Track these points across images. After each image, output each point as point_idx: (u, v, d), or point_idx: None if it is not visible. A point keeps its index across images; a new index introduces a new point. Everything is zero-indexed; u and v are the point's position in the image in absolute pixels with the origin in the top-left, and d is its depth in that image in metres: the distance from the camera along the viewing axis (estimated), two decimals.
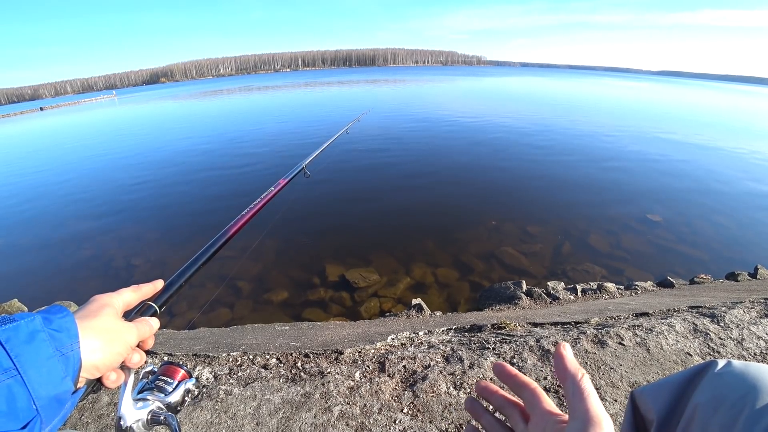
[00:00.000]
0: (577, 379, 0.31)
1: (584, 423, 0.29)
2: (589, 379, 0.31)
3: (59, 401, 0.35)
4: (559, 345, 0.34)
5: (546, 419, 0.32)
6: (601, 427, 0.28)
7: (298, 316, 3.80)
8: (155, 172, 9.46)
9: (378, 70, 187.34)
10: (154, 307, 0.51)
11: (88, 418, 1.54)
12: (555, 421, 0.32)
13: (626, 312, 2.48)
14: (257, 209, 0.94)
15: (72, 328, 0.37)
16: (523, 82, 54.42)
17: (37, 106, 58.73)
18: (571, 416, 0.30)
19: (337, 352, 1.95)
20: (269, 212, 1.10)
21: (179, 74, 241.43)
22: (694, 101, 33.06)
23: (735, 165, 9.23)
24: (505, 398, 0.37)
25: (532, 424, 0.34)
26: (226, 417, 1.52)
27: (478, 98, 26.11)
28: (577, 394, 0.30)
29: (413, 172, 8.19)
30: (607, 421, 0.29)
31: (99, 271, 4.97)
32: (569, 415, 0.30)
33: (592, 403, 0.29)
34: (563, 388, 0.32)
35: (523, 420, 0.35)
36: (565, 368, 0.32)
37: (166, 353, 2.05)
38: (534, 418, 0.34)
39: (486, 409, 0.39)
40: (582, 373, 0.31)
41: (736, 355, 1.84)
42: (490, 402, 0.38)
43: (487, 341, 2.03)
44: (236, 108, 26.10)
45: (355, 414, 1.52)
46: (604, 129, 13.62)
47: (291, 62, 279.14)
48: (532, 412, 0.34)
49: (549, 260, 4.73)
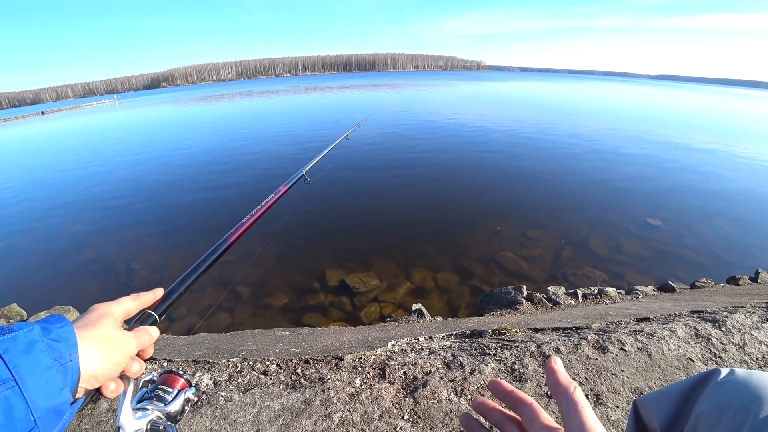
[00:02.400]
0: (569, 392, 0.32)
1: None
2: (581, 392, 0.32)
3: (58, 412, 0.34)
4: (549, 359, 0.35)
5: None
6: None
7: (298, 321, 3.78)
8: (156, 176, 9.48)
9: (378, 74, 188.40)
10: (153, 315, 0.51)
11: (86, 425, 1.53)
12: None
13: (627, 317, 2.47)
14: (258, 216, 0.94)
15: (71, 338, 0.37)
16: (523, 86, 54.67)
17: (39, 110, 58.99)
18: (567, 429, 0.30)
19: (337, 358, 1.94)
20: (273, 219, 1.11)
21: (180, 79, 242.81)
22: (693, 105, 33.20)
23: (735, 168, 9.24)
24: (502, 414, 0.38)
25: None
26: (225, 424, 1.51)
27: (479, 103, 26.22)
28: (571, 407, 0.31)
29: (413, 177, 8.21)
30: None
31: (99, 276, 4.96)
32: (565, 428, 0.31)
33: (587, 415, 0.30)
34: (557, 402, 0.33)
35: None
36: (557, 382, 0.33)
37: (165, 359, 2.04)
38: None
39: (481, 425, 0.39)
40: (574, 386, 0.32)
41: (738, 360, 1.83)
42: (487, 418, 0.38)
43: (488, 347, 2.02)
44: (237, 113, 26.20)
45: (355, 421, 1.51)
46: (602, 132, 13.66)
47: (291, 67, 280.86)
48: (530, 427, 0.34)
49: (549, 265, 4.72)
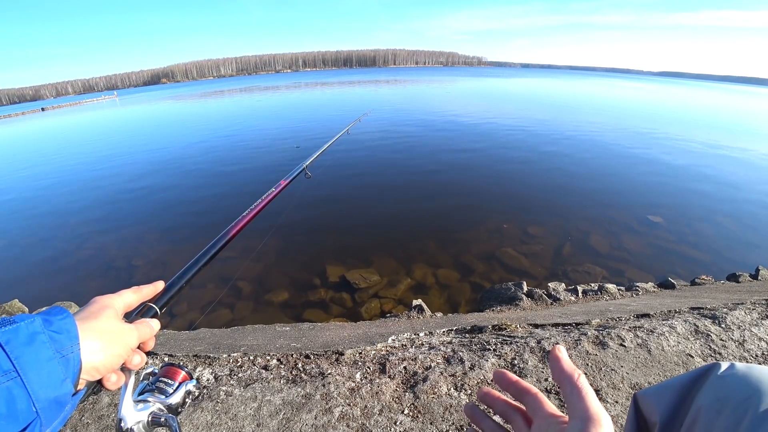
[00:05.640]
0: (573, 379, 0.32)
1: (584, 421, 0.29)
2: (585, 379, 0.32)
3: (59, 403, 0.34)
4: (554, 348, 0.35)
5: (548, 422, 0.33)
6: (600, 424, 0.29)
7: (298, 317, 3.80)
8: (157, 172, 9.48)
9: (379, 70, 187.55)
10: (154, 308, 0.51)
11: (88, 419, 1.54)
12: (557, 422, 0.32)
13: (627, 313, 2.47)
14: (258, 210, 0.93)
15: (72, 329, 0.37)
16: (525, 83, 54.39)
17: (39, 107, 58.87)
18: (571, 416, 0.30)
19: (337, 353, 1.95)
20: (273, 213, 1.11)
21: (180, 75, 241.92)
22: (695, 102, 33.05)
23: (736, 165, 9.22)
24: (507, 403, 0.38)
25: (535, 427, 0.34)
26: (226, 418, 1.52)
27: (479, 99, 26.12)
28: (575, 394, 0.31)
29: (414, 172, 8.20)
30: (606, 418, 0.29)
31: (100, 272, 4.98)
32: (569, 414, 0.31)
33: (591, 402, 0.30)
34: (561, 390, 0.33)
35: (525, 424, 0.36)
36: (561, 369, 0.33)
37: (167, 354, 2.05)
38: (537, 422, 0.34)
39: (486, 414, 0.40)
40: (578, 374, 0.32)
41: (737, 357, 1.83)
42: (492, 407, 0.39)
43: (488, 342, 2.03)
44: (238, 108, 26.12)
45: (355, 415, 1.51)
46: (604, 130, 13.62)
47: (292, 63, 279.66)
48: (535, 416, 0.35)
49: (550, 261, 4.72)
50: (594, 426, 0.29)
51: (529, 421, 0.36)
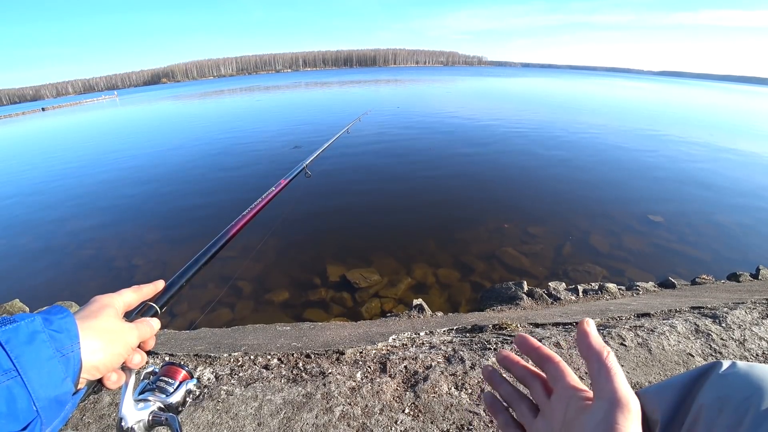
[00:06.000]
0: (602, 356, 0.30)
1: (611, 403, 0.27)
2: (614, 357, 0.30)
3: (59, 402, 0.34)
4: (582, 321, 0.32)
5: (570, 393, 0.31)
6: (629, 408, 0.27)
7: (299, 317, 3.79)
8: (157, 172, 9.48)
9: (379, 70, 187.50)
10: (154, 307, 0.51)
11: (89, 419, 1.54)
12: (579, 396, 0.31)
13: (628, 313, 2.47)
14: (258, 209, 0.93)
15: (72, 328, 0.37)
16: (525, 83, 54.33)
17: (39, 107, 58.90)
18: (597, 395, 0.29)
19: (338, 353, 1.95)
20: (273, 212, 1.10)
21: (180, 75, 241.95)
22: (696, 101, 33.01)
23: (736, 165, 9.21)
24: (527, 369, 0.36)
25: (555, 397, 0.33)
26: (227, 417, 1.52)
27: (480, 99, 26.10)
28: (603, 373, 0.29)
29: (414, 171, 8.19)
30: (635, 402, 0.27)
31: (100, 271, 4.98)
32: (594, 394, 0.29)
33: (619, 383, 0.28)
34: (587, 366, 0.30)
35: (545, 393, 0.34)
36: (589, 345, 0.31)
37: (167, 353, 2.05)
38: (557, 392, 0.33)
39: (505, 379, 0.38)
40: (608, 351, 0.30)
41: (738, 356, 1.83)
42: (511, 372, 0.37)
43: (489, 342, 2.03)
44: (238, 108, 26.13)
45: (356, 414, 1.52)
46: (604, 130, 13.60)
47: (292, 63, 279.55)
48: (555, 386, 0.33)
49: (550, 261, 4.72)
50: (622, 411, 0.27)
51: (549, 390, 0.34)
